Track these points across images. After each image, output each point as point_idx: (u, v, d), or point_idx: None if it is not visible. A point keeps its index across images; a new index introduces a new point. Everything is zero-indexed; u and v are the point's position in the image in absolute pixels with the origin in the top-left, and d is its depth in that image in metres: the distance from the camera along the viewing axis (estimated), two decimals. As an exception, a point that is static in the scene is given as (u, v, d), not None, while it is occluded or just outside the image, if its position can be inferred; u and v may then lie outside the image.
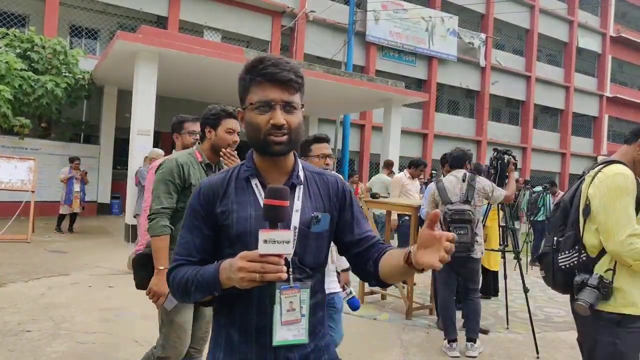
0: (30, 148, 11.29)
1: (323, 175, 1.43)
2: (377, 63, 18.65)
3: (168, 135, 15.99)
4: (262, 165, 1.35)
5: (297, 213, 1.31)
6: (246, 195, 1.32)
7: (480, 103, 21.63)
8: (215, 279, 1.21)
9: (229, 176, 1.37)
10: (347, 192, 1.43)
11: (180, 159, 2.52)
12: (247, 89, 1.31)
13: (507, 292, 5.08)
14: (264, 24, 16.56)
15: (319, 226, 1.33)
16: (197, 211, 1.35)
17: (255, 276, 1.10)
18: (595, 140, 25.84)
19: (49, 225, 10.08)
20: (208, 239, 1.34)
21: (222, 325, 1.34)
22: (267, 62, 1.26)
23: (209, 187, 1.36)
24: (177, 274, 1.32)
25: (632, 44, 26.43)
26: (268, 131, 1.26)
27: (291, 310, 1.24)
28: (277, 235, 1.12)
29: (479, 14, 21.57)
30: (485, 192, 4.22)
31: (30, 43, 10.99)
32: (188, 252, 1.34)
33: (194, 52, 9.36)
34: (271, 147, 1.28)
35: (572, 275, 2.12)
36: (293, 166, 1.37)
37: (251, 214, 1.29)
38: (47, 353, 3.67)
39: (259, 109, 1.27)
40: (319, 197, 1.38)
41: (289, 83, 1.26)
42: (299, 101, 1.31)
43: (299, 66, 1.32)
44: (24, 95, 10.42)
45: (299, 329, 1.26)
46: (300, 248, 1.29)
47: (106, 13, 14.33)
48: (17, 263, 6.60)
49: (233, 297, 1.25)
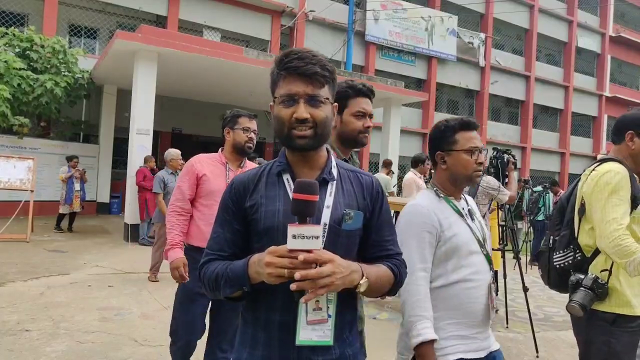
0: (29, 147, 11.27)
1: (359, 174, 1.40)
2: (376, 63, 18.64)
3: (167, 134, 16.00)
4: (293, 161, 1.34)
5: (328, 209, 1.28)
6: (276, 190, 1.31)
7: (479, 103, 21.63)
8: (244, 273, 1.20)
9: (262, 171, 1.37)
10: (380, 195, 1.39)
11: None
12: (276, 83, 1.31)
13: (507, 291, 5.08)
14: (264, 24, 16.56)
15: (350, 224, 1.30)
16: (228, 206, 1.35)
17: (283, 272, 1.09)
18: (595, 139, 25.86)
19: (48, 224, 10.07)
20: (238, 234, 1.33)
21: (249, 322, 1.33)
22: (293, 55, 1.26)
23: (240, 182, 1.36)
24: (208, 268, 1.32)
25: (631, 44, 26.44)
26: (292, 125, 1.26)
27: (317, 309, 1.20)
28: (306, 230, 1.10)
29: (479, 13, 21.57)
30: (491, 191, 4.19)
31: (29, 42, 10.97)
32: (219, 247, 1.34)
33: (193, 51, 9.35)
34: (294, 141, 1.27)
35: (567, 275, 2.11)
36: (326, 162, 1.35)
37: (279, 209, 1.28)
38: (46, 352, 3.66)
39: (284, 103, 1.26)
40: (353, 194, 1.35)
41: (314, 76, 1.25)
42: (326, 95, 1.29)
43: (327, 60, 1.30)
44: (23, 94, 10.40)
45: (325, 329, 1.21)
46: (329, 245, 1.23)
47: (105, 12, 14.32)
48: (16, 262, 6.59)
49: (259, 292, 1.23)
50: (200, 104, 14.85)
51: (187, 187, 2.86)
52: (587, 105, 25.36)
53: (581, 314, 1.99)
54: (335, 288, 1.15)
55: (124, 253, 7.89)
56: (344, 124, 2.04)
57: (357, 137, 2.05)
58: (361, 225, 1.33)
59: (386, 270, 1.33)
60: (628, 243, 1.90)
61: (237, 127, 2.89)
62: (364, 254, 1.37)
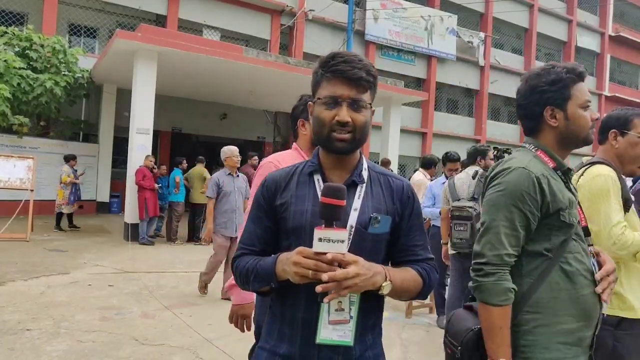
0: (29, 147, 11.27)
1: (390, 178, 1.39)
2: (376, 62, 18.61)
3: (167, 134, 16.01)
4: (326, 162, 1.35)
5: (356, 212, 1.28)
6: (306, 190, 1.33)
7: (479, 102, 21.63)
8: (272, 270, 1.23)
9: (294, 170, 1.39)
10: (412, 200, 1.38)
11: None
12: (319, 83, 1.32)
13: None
14: (263, 23, 16.54)
15: (377, 227, 1.29)
16: (260, 203, 1.37)
17: (308, 273, 1.12)
18: (594, 139, 25.84)
19: (47, 224, 10.07)
20: (269, 230, 1.36)
21: (277, 316, 1.35)
22: (339, 58, 1.27)
23: (272, 180, 1.38)
24: (240, 262, 1.35)
25: (630, 43, 26.44)
26: (332, 127, 1.26)
27: (339, 310, 1.22)
28: (332, 234, 1.12)
29: (478, 13, 21.56)
30: None
31: (29, 41, 10.96)
32: (251, 242, 1.38)
33: (193, 50, 9.35)
34: (334, 144, 1.27)
35: None
36: (357, 164, 1.36)
37: (308, 209, 1.29)
38: (47, 352, 3.66)
39: (326, 104, 1.27)
40: (382, 198, 1.34)
41: (359, 81, 1.26)
42: (368, 100, 1.30)
43: (372, 65, 1.31)
44: (23, 93, 10.39)
45: (346, 330, 1.22)
46: (355, 248, 1.24)
47: (105, 11, 14.30)
48: (16, 262, 6.59)
49: (286, 289, 1.26)
50: (200, 104, 14.85)
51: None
52: (587, 104, 25.34)
53: None
54: (358, 289, 1.17)
55: (124, 252, 7.89)
56: None
57: None
58: (388, 230, 1.32)
59: (414, 275, 1.33)
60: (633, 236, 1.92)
61: None
62: (393, 258, 1.38)
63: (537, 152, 1.63)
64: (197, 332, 4.31)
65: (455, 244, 4.05)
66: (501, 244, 1.45)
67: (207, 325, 4.47)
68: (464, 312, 1.63)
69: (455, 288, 4.29)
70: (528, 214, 1.47)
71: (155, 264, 7.14)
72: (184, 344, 4.02)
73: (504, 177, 1.53)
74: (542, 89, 1.61)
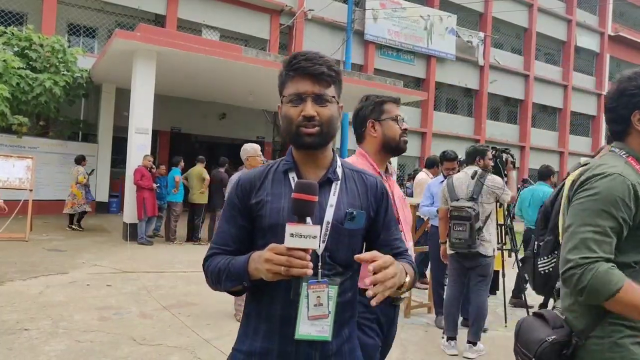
0: (28, 146, 11.26)
1: (363, 175, 1.43)
2: (375, 62, 18.64)
3: (166, 134, 15.96)
4: (299, 160, 1.38)
5: (332, 208, 1.31)
6: (281, 188, 1.34)
7: (478, 102, 21.63)
8: (244, 269, 1.24)
9: (268, 169, 1.41)
10: (385, 196, 1.42)
11: None
12: (284, 84, 1.35)
13: (505, 290, 5.09)
14: (263, 23, 16.54)
15: (353, 223, 1.32)
16: (234, 202, 1.38)
17: (281, 269, 1.12)
18: (594, 139, 25.88)
19: (47, 223, 10.07)
20: (243, 230, 1.37)
21: (252, 315, 1.36)
22: (300, 57, 1.31)
23: (247, 179, 1.39)
24: (212, 262, 1.35)
25: (630, 43, 26.45)
26: (299, 123, 1.29)
27: (318, 305, 1.23)
28: (304, 229, 1.12)
29: (478, 12, 21.56)
30: (496, 190, 4.17)
31: (28, 41, 10.96)
32: (224, 242, 1.38)
33: (192, 50, 9.35)
34: (302, 139, 1.30)
35: (551, 280, 2.09)
36: (331, 162, 1.39)
37: (284, 206, 1.31)
38: (45, 351, 3.66)
39: (292, 102, 1.31)
40: (357, 194, 1.37)
41: (321, 76, 1.29)
42: (332, 94, 1.33)
43: (333, 61, 1.34)
44: (22, 93, 10.39)
45: (324, 325, 1.25)
46: (332, 244, 1.28)
47: (104, 11, 14.30)
48: (15, 262, 6.58)
49: (262, 287, 1.26)
50: (199, 103, 14.84)
51: None
52: (586, 104, 25.37)
53: None
54: (394, 288, 1.18)
55: (123, 252, 7.88)
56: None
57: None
58: (364, 225, 1.35)
59: (409, 268, 1.37)
60: None
61: (386, 117, 2.15)
62: None
63: (628, 159, 1.56)
64: (195, 332, 4.31)
65: (454, 244, 4.04)
66: (588, 248, 1.40)
67: (206, 325, 4.47)
68: (535, 320, 1.60)
69: (453, 288, 4.29)
70: (621, 220, 1.41)
71: (154, 264, 7.14)
72: (182, 343, 4.02)
73: (597, 182, 1.48)
74: (631, 93, 1.57)
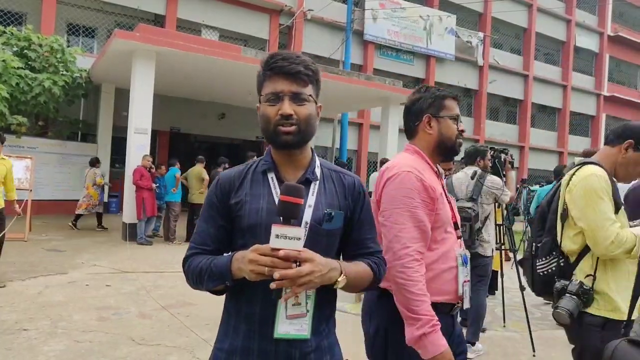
0: (27, 147, 11.24)
1: (342, 174, 1.44)
2: (375, 62, 18.64)
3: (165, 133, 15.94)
4: (278, 160, 1.38)
5: (310, 209, 1.32)
6: (260, 188, 1.35)
7: (478, 102, 21.64)
8: (227, 268, 1.24)
9: (247, 169, 1.41)
10: (362, 195, 1.43)
11: None
12: (261, 84, 1.36)
13: (504, 290, 5.09)
14: (262, 23, 16.54)
15: (331, 223, 1.33)
16: (213, 202, 1.39)
17: (264, 270, 1.12)
18: (593, 139, 25.89)
19: (46, 224, 10.07)
20: (222, 229, 1.37)
21: (232, 314, 1.37)
22: (277, 57, 1.32)
23: (226, 179, 1.40)
24: (193, 262, 1.35)
25: (629, 43, 26.46)
26: (277, 122, 1.30)
27: (297, 304, 1.25)
28: (289, 231, 1.13)
29: (477, 12, 21.57)
30: (495, 190, 4.16)
31: (27, 41, 10.94)
32: (203, 241, 1.38)
33: (191, 50, 9.34)
34: (280, 137, 1.31)
35: (551, 281, 2.10)
36: (310, 162, 1.40)
37: (263, 207, 1.31)
38: (44, 352, 3.66)
39: (270, 101, 1.31)
40: (335, 194, 1.38)
41: (298, 75, 1.30)
42: (310, 93, 1.33)
43: (311, 61, 1.35)
44: (21, 93, 10.37)
45: (303, 324, 1.27)
46: (310, 244, 1.27)
47: (103, 11, 14.30)
48: (14, 262, 6.59)
49: (242, 286, 1.27)
50: (198, 103, 14.83)
51: (424, 214, 1.72)
52: (586, 104, 25.39)
53: (568, 321, 1.98)
54: (314, 286, 1.18)
55: (122, 252, 7.88)
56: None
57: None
58: (342, 225, 1.37)
59: (366, 268, 1.36)
60: (626, 233, 1.93)
61: (445, 114, 1.86)
62: (346, 251, 1.42)
63: None
64: (194, 332, 4.32)
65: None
66: None
67: (204, 325, 4.47)
68: (630, 347, 1.58)
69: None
70: None
71: (153, 264, 7.14)
72: (181, 344, 4.02)
73: None
74: None
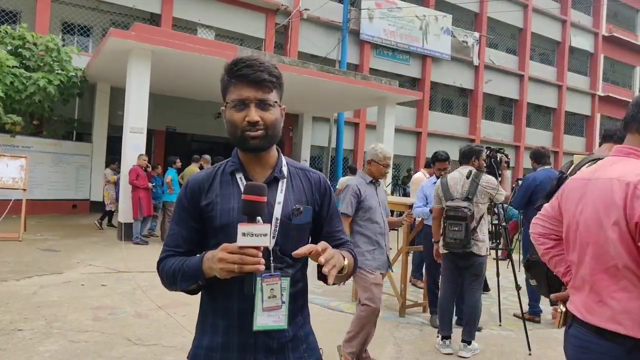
0: (22, 146, 11.17)
1: (307, 172, 1.51)
2: (371, 61, 18.65)
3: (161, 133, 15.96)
4: (245, 160, 1.43)
5: (280, 205, 1.38)
6: (230, 189, 1.39)
7: (473, 102, 21.71)
8: (198, 268, 1.28)
9: (215, 171, 1.45)
10: (327, 190, 1.51)
11: None
12: (226, 89, 1.40)
13: (500, 289, 5.11)
14: (258, 22, 16.51)
15: (300, 218, 1.39)
16: (184, 205, 1.43)
17: (234, 267, 1.16)
18: (588, 138, 26.04)
19: (40, 223, 10.02)
20: (194, 231, 1.41)
21: (208, 312, 1.41)
22: (241, 63, 1.35)
23: (195, 182, 1.44)
24: (166, 264, 1.40)
25: (624, 44, 26.62)
26: (244, 127, 1.34)
27: (272, 297, 1.29)
28: (255, 228, 1.18)
29: (473, 12, 21.63)
30: (490, 190, 4.17)
31: (21, 40, 10.88)
32: (176, 243, 1.43)
33: (187, 49, 9.32)
34: (247, 142, 1.35)
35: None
36: (276, 161, 1.45)
37: (234, 207, 1.36)
38: (39, 352, 3.65)
39: (236, 107, 1.35)
40: (302, 191, 1.45)
41: (262, 82, 1.34)
42: (274, 99, 1.38)
43: (274, 66, 1.40)
44: (16, 92, 10.31)
45: (279, 315, 1.31)
46: (281, 238, 1.35)
47: (99, 10, 14.23)
48: (9, 261, 6.55)
49: (217, 284, 1.29)
50: (194, 103, 14.80)
51: None
52: (581, 104, 25.52)
53: None
54: (338, 268, 1.26)
55: (117, 252, 7.86)
56: None
57: None
58: (310, 219, 1.44)
59: (350, 256, 1.45)
60: None
61: None
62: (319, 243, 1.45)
63: None
64: (191, 332, 4.27)
65: (449, 243, 4.05)
66: None
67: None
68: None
69: (447, 287, 4.30)
70: None
71: (149, 264, 7.11)
72: (177, 343, 4.01)
73: None
74: None
